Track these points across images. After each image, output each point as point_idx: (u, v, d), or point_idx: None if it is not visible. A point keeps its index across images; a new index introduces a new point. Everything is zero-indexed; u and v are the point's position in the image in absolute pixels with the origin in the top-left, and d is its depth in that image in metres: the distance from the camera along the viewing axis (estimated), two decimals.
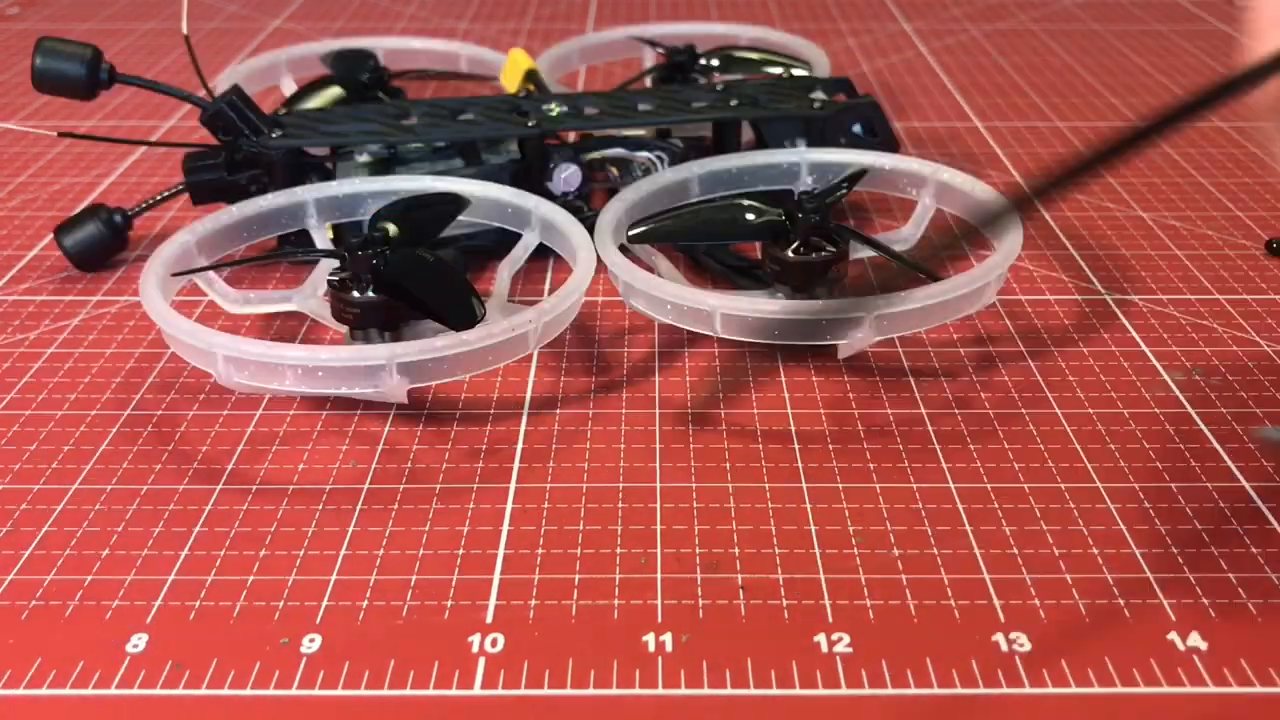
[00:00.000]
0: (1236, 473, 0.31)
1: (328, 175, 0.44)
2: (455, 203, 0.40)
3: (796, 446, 0.33)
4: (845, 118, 0.47)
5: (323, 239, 0.41)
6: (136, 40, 0.74)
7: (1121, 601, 0.27)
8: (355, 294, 0.35)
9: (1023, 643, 0.26)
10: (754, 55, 0.58)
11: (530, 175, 0.44)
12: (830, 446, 0.33)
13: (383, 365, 0.31)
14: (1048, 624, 0.26)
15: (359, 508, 0.31)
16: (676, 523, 0.30)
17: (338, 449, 0.33)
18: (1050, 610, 0.27)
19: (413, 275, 0.35)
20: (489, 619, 0.27)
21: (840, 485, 0.31)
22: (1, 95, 0.64)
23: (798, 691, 0.25)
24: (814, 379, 0.36)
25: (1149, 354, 0.37)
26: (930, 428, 0.34)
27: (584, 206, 0.44)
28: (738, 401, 0.35)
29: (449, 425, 0.34)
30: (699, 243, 0.42)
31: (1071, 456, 0.32)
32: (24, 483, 0.32)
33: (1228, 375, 0.36)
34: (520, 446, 0.33)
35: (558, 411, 0.35)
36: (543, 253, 0.41)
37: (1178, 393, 0.35)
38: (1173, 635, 0.26)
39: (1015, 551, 0.29)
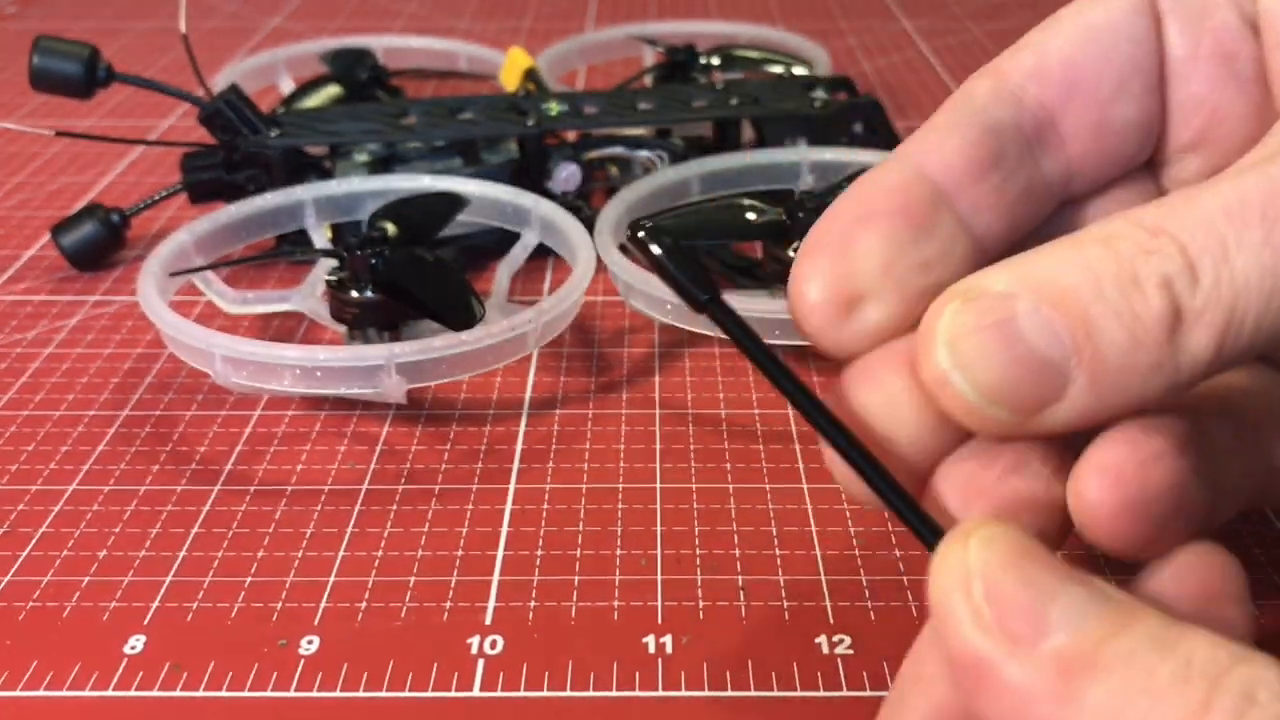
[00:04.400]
0: None
1: (326, 174, 0.44)
2: (454, 202, 0.40)
3: (797, 446, 0.33)
4: (846, 116, 0.47)
5: (321, 238, 0.41)
6: (134, 39, 0.74)
7: None
8: (354, 294, 0.35)
9: None
10: (754, 54, 0.58)
11: (529, 174, 0.44)
12: None
13: (381, 365, 0.31)
14: None
15: (357, 508, 0.31)
16: (676, 523, 0.30)
17: (336, 449, 0.33)
18: None
19: (411, 275, 0.35)
20: (488, 620, 0.27)
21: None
22: None
23: (798, 693, 0.24)
24: (814, 379, 0.36)
25: None
26: None
27: (584, 206, 0.44)
28: (737, 402, 0.35)
29: (448, 426, 0.34)
30: (699, 242, 0.42)
31: None
32: (21, 483, 0.32)
33: None
34: (520, 447, 0.33)
35: (557, 411, 0.35)
36: (542, 252, 0.41)
37: None
38: None
39: None
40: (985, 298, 0.18)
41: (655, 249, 0.20)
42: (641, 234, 0.20)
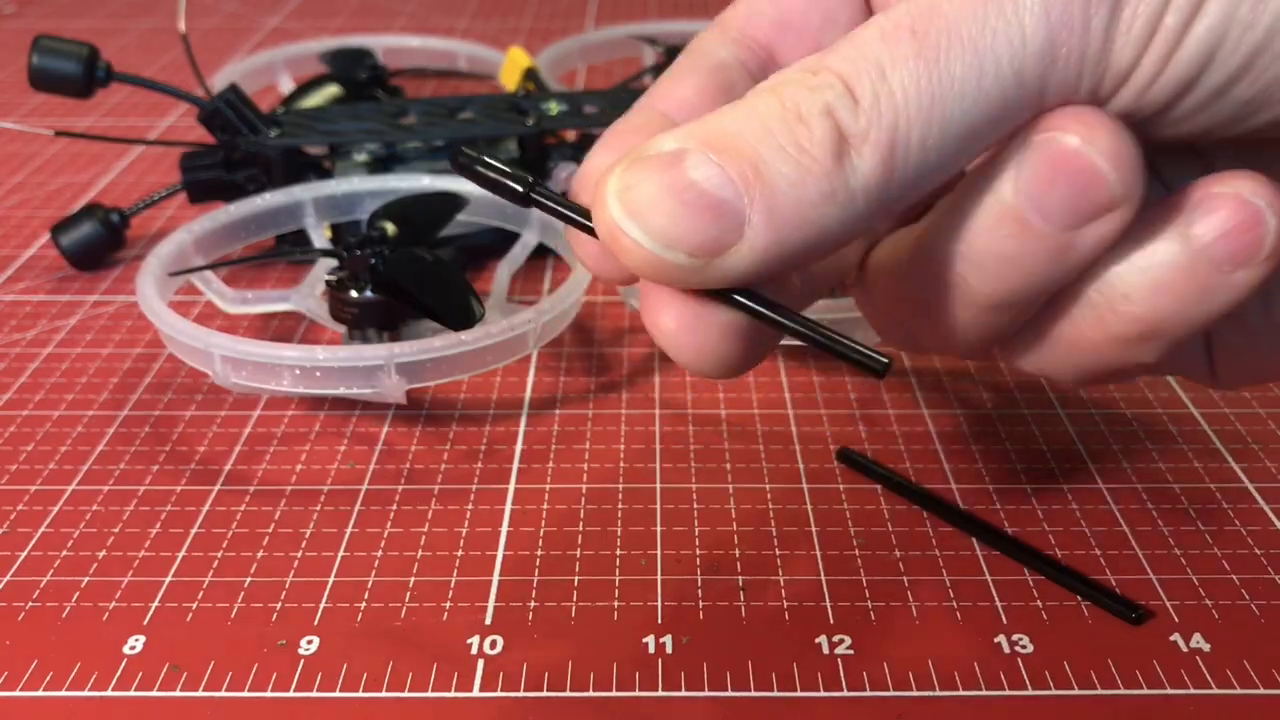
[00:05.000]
0: (1240, 473, 0.31)
1: (326, 174, 0.44)
2: (454, 202, 0.40)
3: (797, 447, 0.33)
4: None
5: (320, 238, 0.41)
6: (134, 39, 0.74)
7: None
8: (353, 293, 0.35)
9: (1025, 644, 0.26)
10: None
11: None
12: (830, 446, 0.33)
13: (381, 365, 0.31)
14: (1050, 625, 0.26)
15: (357, 509, 0.30)
16: (676, 523, 0.30)
17: (336, 449, 0.33)
18: (1053, 611, 0.26)
19: (411, 275, 0.35)
20: (488, 620, 0.27)
21: (841, 486, 0.31)
22: None
23: (799, 694, 0.24)
24: (814, 379, 0.36)
25: None
26: (932, 428, 0.33)
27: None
28: (737, 402, 0.35)
29: (448, 426, 0.34)
30: None
31: (1074, 458, 0.32)
32: (21, 483, 0.32)
33: None
34: (519, 447, 0.33)
35: (557, 411, 0.35)
36: (542, 252, 0.41)
37: (1180, 393, 0.35)
38: (1175, 637, 0.26)
39: None
40: (654, 154, 0.18)
41: (465, 160, 0.21)
42: (462, 156, 0.21)
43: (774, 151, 0.18)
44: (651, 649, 0.26)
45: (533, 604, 0.27)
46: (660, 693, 0.24)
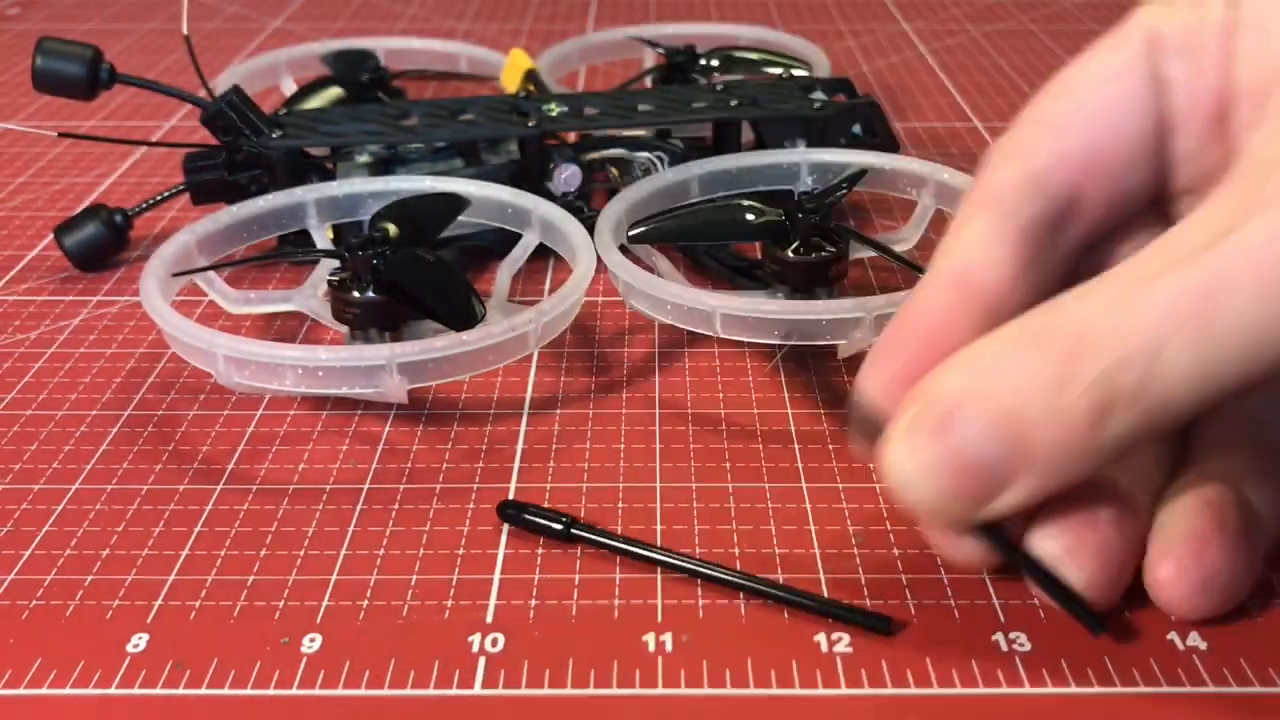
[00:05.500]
0: None
1: (328, 175, 0.44)
2: (455, 203, 0.40)
3: (796, 446, 0.33)
4: (845, 118, 0.47)
5: (323, 239, 0.41)
6: (137, 40, 0.74)
7: (1122, 601, 0.27)
8: (355, 294, 0.35)
9: (1023, 642, 0.26)
10: (754, 55, 0.58)
11: (530, 175, 0.44)
12: (830, 446, 0.33)
13: (383, 365, 0.31)
14: (1048, 624, 0.26)
15: (359, 507, 0.31)
16: (676, 523, 0.30)
17: (338, 449, 0.33)
18: (1050, 610, 0.27)
19: (412, 275, 0.35)
20: (489, 618, 0.27)
21: (840, 485, 0.31)
22: (2, 95, 0.64)
23: (798, 691, 0.25)
24: (814, 379, 0.36)
25: None
26: None
27: (584, 207, 0.44)
28: (737, 401, 0.35)
29: (449, 425, 0.34)
30: (699, 243, 0.42)
31: None
32: (24, 482, 0.32)
33: None
34: (520, 446, 0.33)
35: (558, 411, 0.35)
36: (543, 253, 0.41)
37: None
38: (1172, 635, 0.26)
39: None
40: (931, 409, 0.22)
41: (512, 511, 0.29)
42: (510, 509, 0.29)
43: (1041, 416, 0.20)
44: (651, 647, 0.26)
45: (533, 602, 0.27)
46: (660, 690, 0.25)
